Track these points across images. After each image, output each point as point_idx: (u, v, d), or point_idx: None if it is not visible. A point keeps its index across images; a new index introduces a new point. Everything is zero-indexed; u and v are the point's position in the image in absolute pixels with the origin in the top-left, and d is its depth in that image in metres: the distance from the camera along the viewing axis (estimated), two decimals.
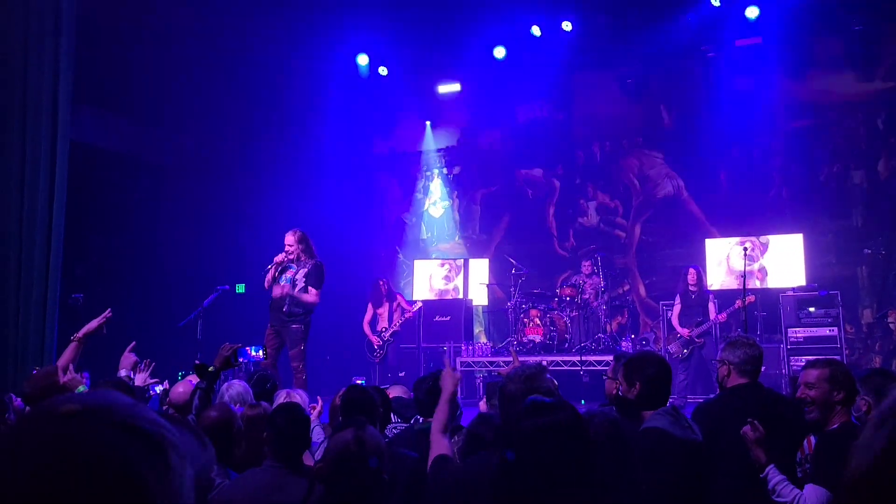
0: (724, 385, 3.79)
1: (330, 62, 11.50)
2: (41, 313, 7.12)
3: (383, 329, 9.95)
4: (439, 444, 2.90)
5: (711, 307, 9.05)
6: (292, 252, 7.44)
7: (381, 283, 10.29)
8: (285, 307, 7.30)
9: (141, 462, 0.73)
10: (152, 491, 0.72)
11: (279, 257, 7.45)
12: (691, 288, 9.17)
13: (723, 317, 8.88)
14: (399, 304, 10.12)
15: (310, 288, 7.38)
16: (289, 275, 7.46)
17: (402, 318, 9.94)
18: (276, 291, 7.37)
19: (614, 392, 4.05)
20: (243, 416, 3.51)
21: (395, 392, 4.71)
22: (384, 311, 10.08)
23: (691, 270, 9.27)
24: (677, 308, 9.31)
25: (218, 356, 3.79)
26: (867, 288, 9.91)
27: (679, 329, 9.12)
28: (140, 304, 8.85)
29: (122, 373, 4.42)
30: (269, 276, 7.44)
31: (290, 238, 7.50)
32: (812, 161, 10.51)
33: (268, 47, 10.47)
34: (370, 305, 10.20)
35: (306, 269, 7.44)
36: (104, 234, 9.13)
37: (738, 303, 8.54)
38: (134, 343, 4.82)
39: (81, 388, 4.00)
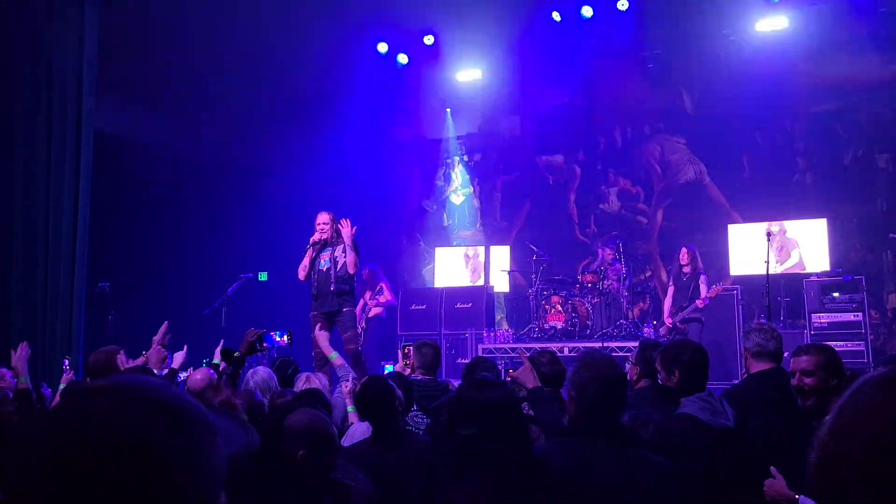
0: (749, 371, 3.85)
1: (350, 50, 11.51)
2: (68, 302, 7.25)
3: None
4: None
5: (703, 289, 8.78)
6: (326, 231, 7.28)
7: (364, 271, 9.60)
8: (332, 286, 7.12)
9: (156, 431, 0.78)
10: (166, 457, 0.77)
11: (314, 237, 7.28)
12: (684, 269, 8.94)
13: (700, 303, 8.64)
14: (380, 290, 9.55)
15: (348, 255, 7.20)
16: (325, 258, 7.28)
17: (371, 311, 9.36)
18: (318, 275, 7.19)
19: (635, 377, 4.09)
20: (270, 405, 3.56)
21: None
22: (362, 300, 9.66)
23: (683, 250, 9.06)
24: (671, 291, 9.14)
25: (243, 342, 3.84)
26: (892, 273, 9.80)
27: (666, 317, 9.01)
28: (165, 292, 8.97)
29: (154, 372, 4.13)
30: (305, 260, 7.28)
31: (324, 217, 7.34)
32: (836, 145, 10.38)
33: (289, 36, 10.49)
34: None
35: (342, 245, 7.28)
36: (129, 223, 9.25)
37: (715, 288, 8.58)
38: (166, 328, 4.56)
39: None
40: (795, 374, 3.18)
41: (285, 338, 3.86)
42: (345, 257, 7.21)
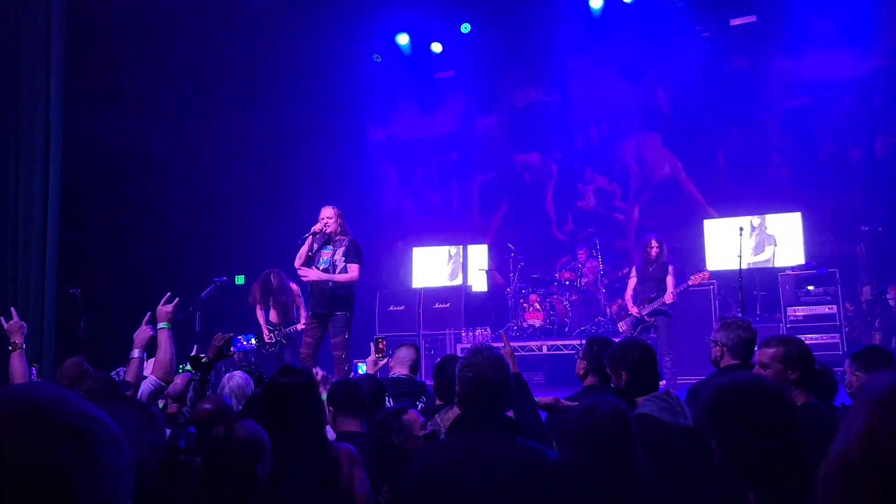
0: (718, 365, 3.84)
1: (325, 50, 11.46)
2: (39, 309, 7.13)
3: (278, 325, 8.50)
4: None
5: (670, 281, 8.31)
6: (330, 226, 6.97)
7: (273, 275, 8.54)
8: (328, 292, 6.88)
9: (66, 462, 0.72)
10: (77, 489, 0.72)
11: (317, 227, 6.95)
12: (652, 259, 8.45)
13: (670, 298, 8.16)
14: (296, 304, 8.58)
15: (349, 266, 6.91)
16: (325, 256, 6.97)
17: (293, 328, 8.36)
18: (313, 275, 6.89)
19: (582, 373, 4.09)
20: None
21: None
22: (271, 306, 8.62)
23: (652, 240, 8.54)
24: (633, 282, 8.64)
25: (210, 347, 3.82)
26: (866, 265, 9.90)
27: (630, 307, 8.44)
28: (138, 297, 8.83)
29: (136, 353, 4.03)
30: (303, 249, 6.95)
31: (328, 211, 7.04)
32: (809, 139, 10.47)
33: (262, 37, 10.43)
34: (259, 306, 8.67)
35: (344, 248, 6.97)
36: (101, 228, 9.12)
37: (692, 279, 8.15)
38: (150, 315, 4.31)
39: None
40: (755, 365, 3.20)
41: (253, 341, 3.82)
42: (344, 261, 6.94)
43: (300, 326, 7.99)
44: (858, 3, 9.85)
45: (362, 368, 6.11)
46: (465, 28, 11.46)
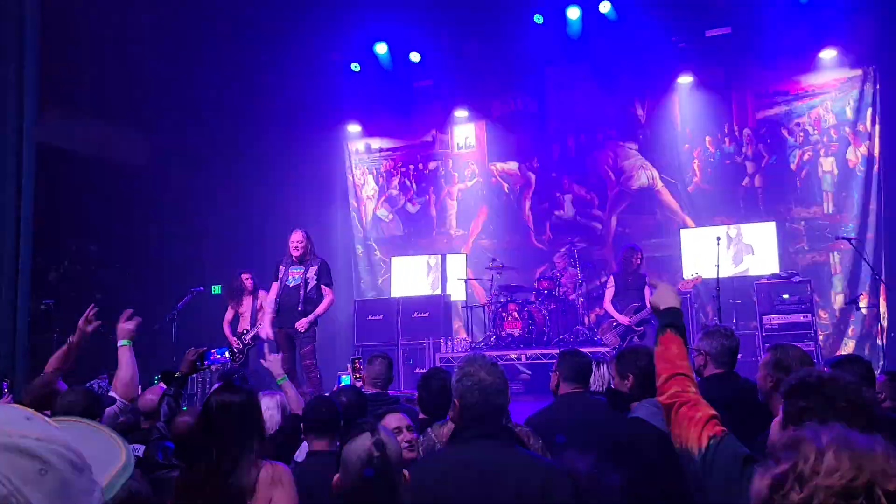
0: (702, 374, 3.84)
1: (303, 59, 11.42)
2: (11, 320, 7.02)
3: (244, 331, 8.46)
4: None
5: (647, 291, 8.45)
6: (300, 249, 7.61)
7: (245, 277, 8.73)
8: (300, 306, 7.46)
9: (22, 479, 0.74)
10: None
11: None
12: (631, 269, 8.61)
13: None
14: (261, 303, 8.55)
15: (324, 287, 7.61)
16: (296, 275, 7.59)
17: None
18: (305, 323, 7.48)
19: (554, 386, 4.07)
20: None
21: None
22: (246, 309, 8.68)
23: (638, 252, 8.70)
24: (610, 292, 8.76)
25: (184, 361, 3.78)
26: (839, 274, 10.03)
27: (618, 316, 8.56)
28: (113, 308, 8.71)
29: (122, 342, 4.05)
30: (272, 295, 7.70)
31: (298, 235, 7.68)
32: (783, 150, 10.60)
33: (239, 45, 10.37)
34: (230, 306, 8.78)
35: (316, 267, 7.63)
36: (75, 238, 9.00)
37: (682, 283, 8.18)
38: (131, 311, 4.33)
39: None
40: (738, 374, 3.23)
41: (226, 354, 3.79)
42: (317, 280, 7.57)
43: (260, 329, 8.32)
44: (829, 15, 9.99)
45: (346, 380, 6.08)
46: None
